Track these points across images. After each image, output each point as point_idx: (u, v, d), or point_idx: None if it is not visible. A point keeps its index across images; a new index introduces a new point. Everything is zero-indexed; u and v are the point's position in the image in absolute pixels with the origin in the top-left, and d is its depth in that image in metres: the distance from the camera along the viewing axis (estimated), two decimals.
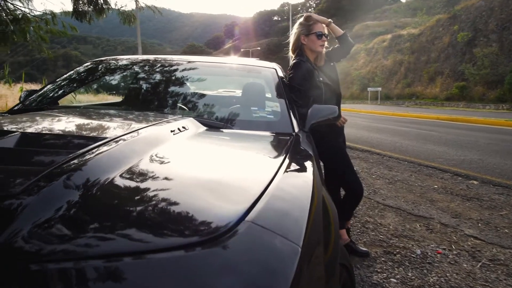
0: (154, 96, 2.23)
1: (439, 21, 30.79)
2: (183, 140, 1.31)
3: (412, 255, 2.72)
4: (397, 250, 2.80)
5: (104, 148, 1.02)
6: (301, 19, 2.45)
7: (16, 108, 1.99)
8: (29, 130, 1.28)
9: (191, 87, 2.17)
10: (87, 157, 0.95)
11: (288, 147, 1.43)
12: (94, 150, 0.99)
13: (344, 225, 2.72)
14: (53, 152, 1.03)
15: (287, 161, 1.20)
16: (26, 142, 1.12)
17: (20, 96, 2.31)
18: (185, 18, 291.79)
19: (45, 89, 2.22)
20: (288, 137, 1.65)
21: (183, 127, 1.44)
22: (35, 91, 2.28)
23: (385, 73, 34.05)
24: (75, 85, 2.33)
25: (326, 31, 2.42)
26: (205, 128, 1.60)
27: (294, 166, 1.22)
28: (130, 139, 1.13)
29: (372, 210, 3.73)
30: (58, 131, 1.26)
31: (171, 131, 1.35)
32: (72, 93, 2.60)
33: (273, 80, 2.16)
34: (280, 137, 1.67)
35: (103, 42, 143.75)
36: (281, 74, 2.29)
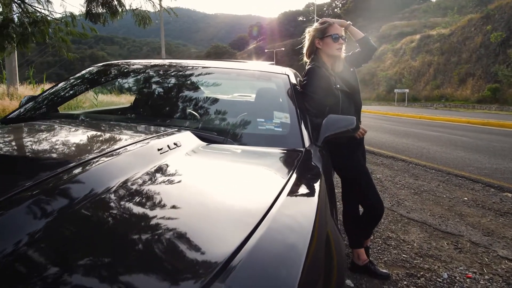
0: (159, 103, 2.12)
1: (471, 21, 29.65)
2: (171, 160, 1.16)
3: (438, 279, 2.47)
4: (422, 273, 2.55)
5: (75, 172, 0.89)
6: (316, 23, 2.26)
7: (10, 116, 1.89)
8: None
9: (194, 94, 2.02)
10: (53, 183, 0.83)
11: (294, 167, 1.25)
12: (62, 174, 0.87)
13: (362, 243, 2.50)
14: (14, 177, 0.92)
15: (289, 185, 1.04)
16: None
17: (21, 102, 2.22)
18: (210, 19, 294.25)
19: (45, 94, 2.12)
20: (297, 154, 1.47)
21: (175, 144, 1.28)
22: (35, 97, 2.18)
23: (413, 74, 33.10)
24: (76, 90, 2.22)
25: (343, 33, 2.21)
26: (202, 143, 1.43)
27: (297, 192, 1.06)
28: (106, 160, 0.99)
29: (395, 224, 3.48)
30: (30, 150, 1.14)
31: (159, 150, 1.20)
32: (76, 98, 2.50)
33: (284, 87, 1.98)
34: (287, 154, 1.49)
35: (129, 43, 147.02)
36: (294, 80, 2.10)
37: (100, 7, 5.37)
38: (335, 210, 1.57)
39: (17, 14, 5.71)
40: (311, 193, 1.11)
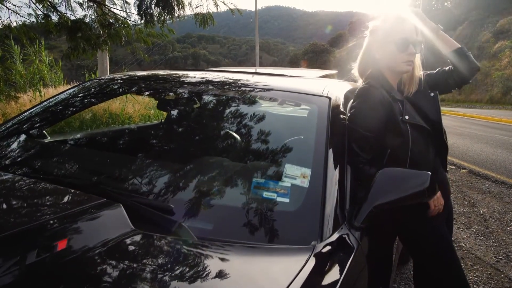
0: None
1: None
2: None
3: None
4: None
5: None
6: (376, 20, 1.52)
7: None
8: None
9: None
10: None
11: None
12: None
13: None
14: None
15: None
16: None
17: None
18: (309, 17, 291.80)
19: (26, 113, 1.75)
20: (301, 259, 0.85)
21: (47, 250, 0.75)
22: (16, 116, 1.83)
23: None
24: (60, 112, 1.83)
25: (419, 37, 1.44)
26: (128, 233, 0.86)
27: None
28: None
29: None
30: None
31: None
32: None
33: (318, 118, 1.30)
34: (283, 257, 0.87)
35: (229, 42, 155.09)
36: (339, 106, 1.42)
37: (155, 6, 5.14)
38: None
39: (93, 17, 5.81)
40: None
